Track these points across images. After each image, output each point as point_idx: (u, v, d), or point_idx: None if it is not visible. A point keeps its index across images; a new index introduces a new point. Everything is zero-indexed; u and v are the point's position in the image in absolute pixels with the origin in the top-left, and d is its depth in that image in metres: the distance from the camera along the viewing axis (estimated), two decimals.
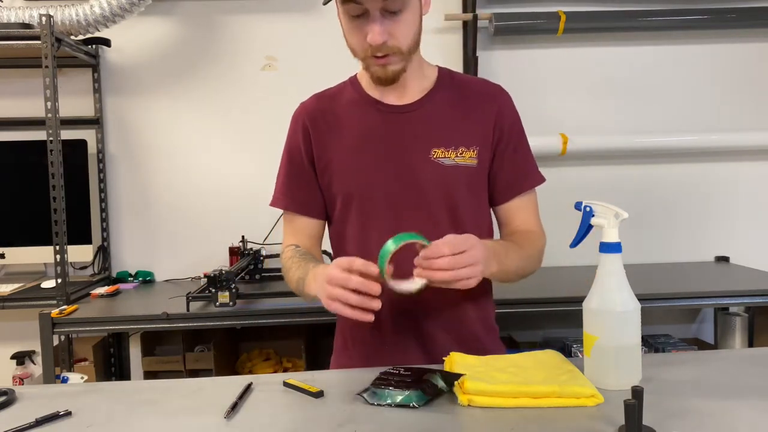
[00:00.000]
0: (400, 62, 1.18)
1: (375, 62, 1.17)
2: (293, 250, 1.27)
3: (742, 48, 2.68)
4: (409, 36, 1.16)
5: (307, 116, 1.29)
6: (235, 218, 2.57)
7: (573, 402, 0.93)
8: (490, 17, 2.52)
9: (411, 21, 1.16)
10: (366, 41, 1.14)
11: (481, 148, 1.24)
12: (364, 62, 1.20)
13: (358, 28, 1.15)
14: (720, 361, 1.13)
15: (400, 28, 1.14)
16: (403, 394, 0.95)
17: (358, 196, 1.23)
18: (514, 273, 1.21)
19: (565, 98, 2.65)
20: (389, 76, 1.19)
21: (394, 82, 1.20)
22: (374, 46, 1.14)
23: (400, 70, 1.19)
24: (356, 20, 1.14)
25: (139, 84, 2.58)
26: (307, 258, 1.23)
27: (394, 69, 1.18)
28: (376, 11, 1.11)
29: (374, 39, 1.12)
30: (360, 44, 1.16)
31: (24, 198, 2.42)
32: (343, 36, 1.20)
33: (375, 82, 1.23)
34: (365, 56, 1.17)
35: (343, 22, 1.18)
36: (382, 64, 1.17)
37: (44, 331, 1.95)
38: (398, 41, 1.15)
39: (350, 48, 1.20)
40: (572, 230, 1.09)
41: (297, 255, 1.25)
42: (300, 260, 1.22)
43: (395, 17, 1.13)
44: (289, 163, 1.31)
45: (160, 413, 0.96)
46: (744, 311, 2.45)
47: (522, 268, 1.23)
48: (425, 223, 1.21)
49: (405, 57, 1.18)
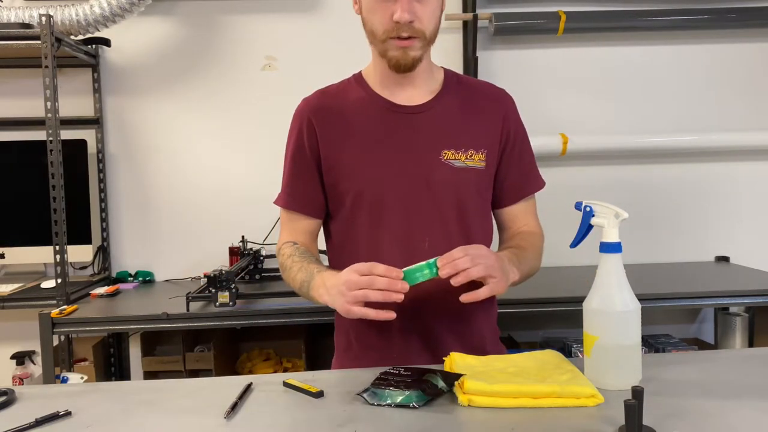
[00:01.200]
0: (420, 49, 1.18)
1: (397, 44, 1.16)
2: (292, 248, 1.26)
3: (742, 48, 2.68)
4: (433, 23, 1.18)
5: (311, 112, 1.27)
6: (235, 218, 2.57)
7: (573, 402, 0.93)
8: (490, 17, 2.52)
9: (436, 7, 1.18)
10: (391, 20, 1.13)
11: (489, 151, 1.24)
12: (383, 45, 1.18)
13: (382, 7, 1.14)
14: (720, 361, 1.13)
15: (426, 12, 1.15)
16: (403, 394, 0.95)
17: (369, 196, 1.22)
18: (527, 276, 1.24)
19: (565, 98, 2.65)
20: (408, 62, 1.18)
21: (411, 69, 1.20)
22: (401, 24, 1.13)
23: (419, 58, 1.19)
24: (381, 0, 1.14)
25: (139, 84, 2.58)
26: (307, 258, 1.23)
27: (414, 55, 1.18)
28: None
29: (402, 16, 1.12)
30: (383, 23, 1.15)
31: (24, 198, 2.42)
32: (361, 19, 1.20)
33: (392, 68, 1.20)
34: (387, 37, 1.16)
35: (365, 3, 1.17)
36: (404, 46, 1.16)
37: (44, 331, 1.95)
38: (423, 24, 1.15)
39: (369, 30, 1.19)
40: (572, 230, 1.09)
41: (297, 254, 1.24)
42: (301, 260, 1.22)
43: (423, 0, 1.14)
44: (293, 159, 1.29)
45: (160, 413, 0.96)
46: (744, 311, 2.45)
47: (533, 269, 1.26)
48: (434, 223, 1.22)
49: (425, 45, 1.18)
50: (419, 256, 1.17)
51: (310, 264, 1.20)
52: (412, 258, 1.19)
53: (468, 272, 1.05)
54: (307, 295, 1.19)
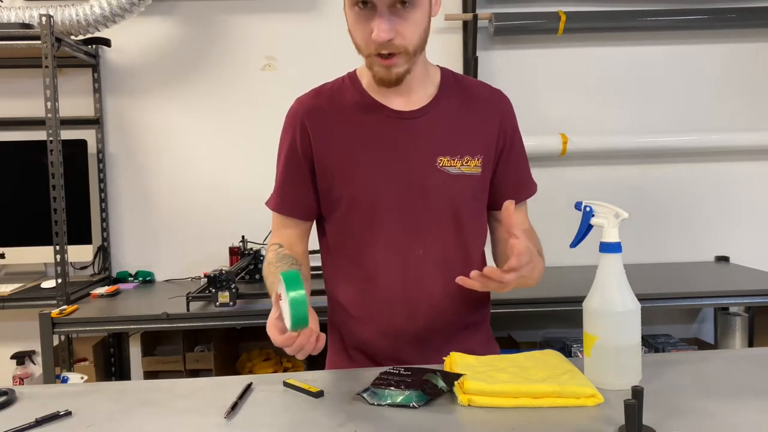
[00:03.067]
0: (405, 64, 1.13)
1: (379, 62, 1.12)
2: (274, 253, 1.24)
3: (742, 48, 2.68)
4: (417, 35, 1.11)
5: (305, 114, 1.24)
6: (235, 218, 2.57)
7: (573, 402, 0.93)
8: (490, 17, 2.52)
9: (420, 20, 1.10)
10: (371, 37, 1.08)
11: (485, 157, 1.23)
12: (368, 60, 1.14)
13: (364, 22, 1.09)
14: (720, 361, 1.13)
15: (408, 27, 1.08)
16: (403, 394, 0.95)
17: (363, 202, 1.20)
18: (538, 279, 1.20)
19: (565, 98, 2.65)
20: (392, 79, 1.14)
21: (397, 84, 1.16)
22: (379, 43, 1.08)
23: (405, 72, 1.14)
24: (362, 12, 1.08)
25: (139, 84, 2.58)
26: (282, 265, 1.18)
27: (398, 71, 1.13)
28: (384, 5, 1.05)
29: (379, 35, 1.06)
30: (364, 39, 1.10)
31: (24, 198, 2.42)
32: (348, 31, 1.14)
33: (377, 83, 1.18)
34: (369, 53, 1.12)
35: (349, 17, 1.12)
36: (386, 65, 1.12)
37: (44, 331, 1.95)
38: (405, 40, 1.09)
39: (355, 45, 1.14)
40: (572, 230, 1.09)
41: (275, 259, 1.21)
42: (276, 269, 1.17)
43: (404, 14, 1.07)
44: (284, 162, 1.27)
45: (160, 413, 0.96)
46: (744, 311, 2.45)
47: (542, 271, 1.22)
48: (429, 230, 1.20)
49: (410, 58, 1.13)
50: (413, 262, 1.16)
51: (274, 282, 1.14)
52: (407, 264, 1.19)
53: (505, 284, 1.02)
54: None
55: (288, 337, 0.96)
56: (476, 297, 1.27)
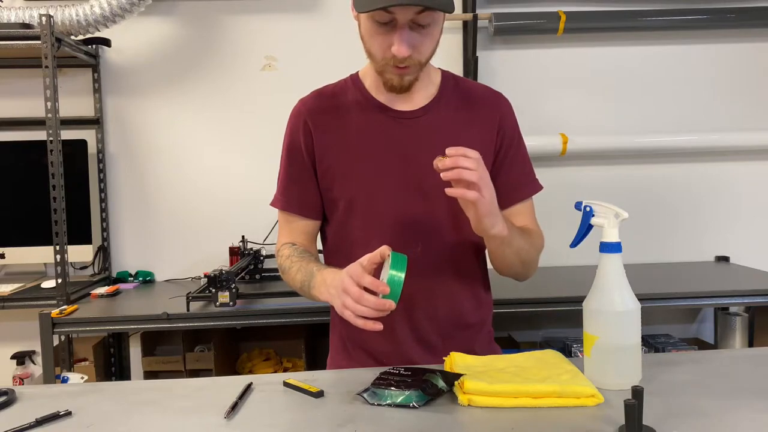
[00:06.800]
0: (417, 72, 1.18)
1: (394, 71, 1.16)
2: (290, 249, 1.26)
3: (742, 48, 2.68)
4: (432, 49, 1.17)
5: (308, 114, 1.26)
6: (235, 218, 2.57)
7: (573, 402, 0.93)
8: (490, 17, 2.52)
9: (435, 35, 1.16)
10: (389, 50, 1.12)
11: (485, 156, 1.23)
12: (380, 67, 1.18)
13: (381, 35, 1.12)
14: (720, 361, 1.13)
15: (425, 42, 1.13)
16: (403, 394, 0.95)
17: (362, 202, 1.22)
18: (516, 252, 1.19)
19: (565, 98, 2.65)
20: (404, 85, 1.19)
21: (407, 90, 1.20)
22: (398, 58, 1.12)
23: (415, 80, 1.19)
24: (381, 27, 1.11)
25: (139, 84, 2.58)
26: (306, 257, 1.22)
27: (410, 78, 1.18)
28: (405, 23, 1.09)
29: (401, 51, 1.10)
30: (381, 52, 1.14)
31: (24, 198, 2.42)
32: (360, 37, 1.18)
33: (388, 89, 1.21)
34: (384, 64, 1.16)
35: (364, 25, 1.15)
36: (400, 74, 1.16)
37: (44, 331, 1.95)
38: (422, 55, 1.15)
39: (368, 51, 1.18)
40: (572, 230, 1.09)
41: (295, 254, 1.24)
42: (299, 260, 1.22)
43: (422, 30, 1.12)
44: (288, 161, 1.29)
45: (160, 413, 0.96)
46: (744, 311, 2.45)
47: (525, 251, 1.21)
48: (428, 229, 1.21)
49: (422, 68, 1.18)
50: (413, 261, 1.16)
51: (309, 263, 1.20)
52: None
53: (461, 172, 1.01)
54: (308, 294, 1.19)
55: (361, 276, 0.99)
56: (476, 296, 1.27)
